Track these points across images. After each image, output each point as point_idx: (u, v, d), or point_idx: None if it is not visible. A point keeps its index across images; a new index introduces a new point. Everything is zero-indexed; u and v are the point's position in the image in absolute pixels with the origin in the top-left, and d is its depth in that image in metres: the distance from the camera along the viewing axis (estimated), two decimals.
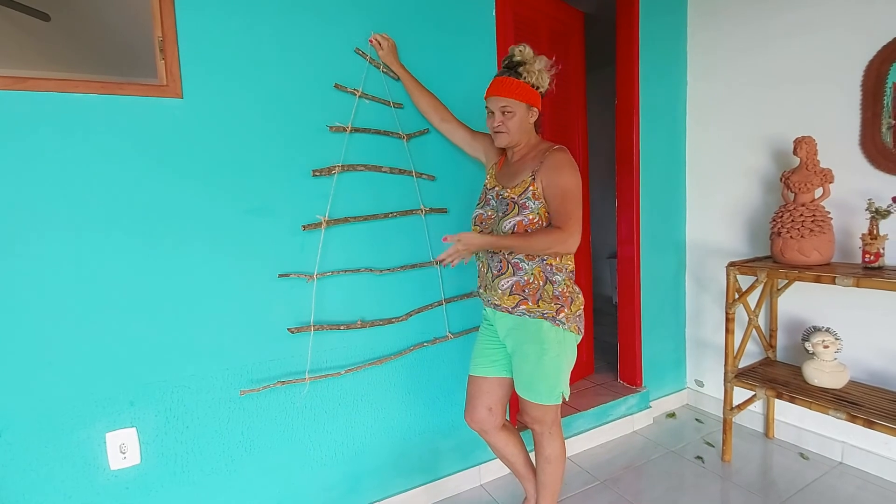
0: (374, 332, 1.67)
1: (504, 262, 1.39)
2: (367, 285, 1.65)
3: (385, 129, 1.65)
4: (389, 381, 1.72)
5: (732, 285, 1.99)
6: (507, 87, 1.36)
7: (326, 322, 1.58)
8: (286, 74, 1.48)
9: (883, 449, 1.89)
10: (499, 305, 1.41)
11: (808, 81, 2.04)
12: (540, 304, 1.36)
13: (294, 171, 1.51)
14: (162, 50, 1.30)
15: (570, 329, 1.39)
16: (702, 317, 2.52)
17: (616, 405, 2.28)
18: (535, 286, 1.36)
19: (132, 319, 1.31)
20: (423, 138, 1.74)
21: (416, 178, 1.72)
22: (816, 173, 1.86)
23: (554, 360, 1.37)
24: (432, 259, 1.76)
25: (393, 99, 1.66)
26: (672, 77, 2.46)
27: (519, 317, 1.39)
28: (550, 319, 1.36)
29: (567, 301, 1.38)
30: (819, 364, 1.85)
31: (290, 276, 1.51)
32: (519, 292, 1.37)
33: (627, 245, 2.42)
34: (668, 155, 2.48)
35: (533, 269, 1.37)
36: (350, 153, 1.59)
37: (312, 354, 1.56)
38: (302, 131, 1.52)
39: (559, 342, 1.37)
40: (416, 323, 1.75)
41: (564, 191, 1.32)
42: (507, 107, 1.37)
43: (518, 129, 1.40)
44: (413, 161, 1.71)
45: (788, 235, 1.87)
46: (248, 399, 1.48)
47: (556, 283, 1.38)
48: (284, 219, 1.50)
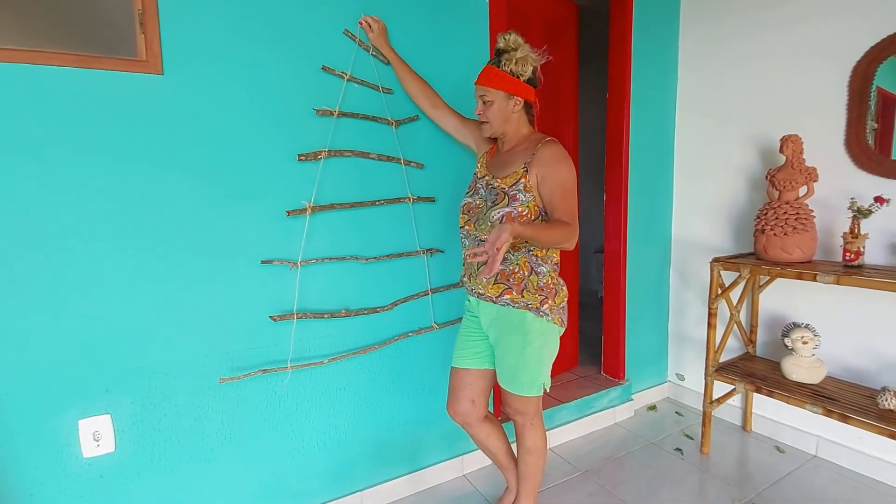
0: (358, 321, 1.65)
1: None
2: (353, 274, 1.63)
3: (373, 115, 1.61)
4: (373, 370, 1.70)
5: (716, 281, 2.01)
6: (485, 76, 1.36)
7: (310, 310, 1.55)
8: (272, 54, 1.44)
9: (856, 443, 1.93)
10: (483, 294, 1.41)
11: (796, 80, 2.05)
12: (524, 295, 1.35)
13: (279, 155, 1.47)
14: (142, 24, 1.25)
15: (553, 321, 1.38)
16: (684, 311, 2.55)
17: (598, 397, 2.30)
18: (520, 276, 1.36)
19: (107, 304, 1.27)
20: (413, 125, 1.71)
21: (404, 166, 1.69)
22: (801, 172, 1.88)
23: (537, 351, 1.37)
24: (419, 248, 1.74)
25: (382, 84, 1.62)
26: (663, 71, 2.46)
27: (503, 307, 1.38)
28: (534, 311, 1.35)
29: (551, 293, 1.38)
30: (797, 360, 1.88)
31: (274, 262, 1.47)
32: (504, 281, 1.36)
33: (614, 239, 2.42)
34: (656, 150, 2.49)
35: (518, 259, 1.36)
36: (337, 138, 1.56)
37: (295, 343, 1.53)
38: (288, 114, 1.48)
39: (542, 333, 1.37)
40: (401, 312, 1.73)
41: (564, 187, 1.32)
42: (484, 95, 1.37)
43: (498, 118, 1.38)
44: (402, 148, 1.68)
45: (772, 233, 1.89)
46: (228, 387, 1.45)
47: (541, 273, 1.37)
48: (268, 204, 1.47)
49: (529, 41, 1.38)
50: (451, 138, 1.75)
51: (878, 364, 1.86)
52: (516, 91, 1.35)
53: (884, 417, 1.61)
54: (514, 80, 1.34)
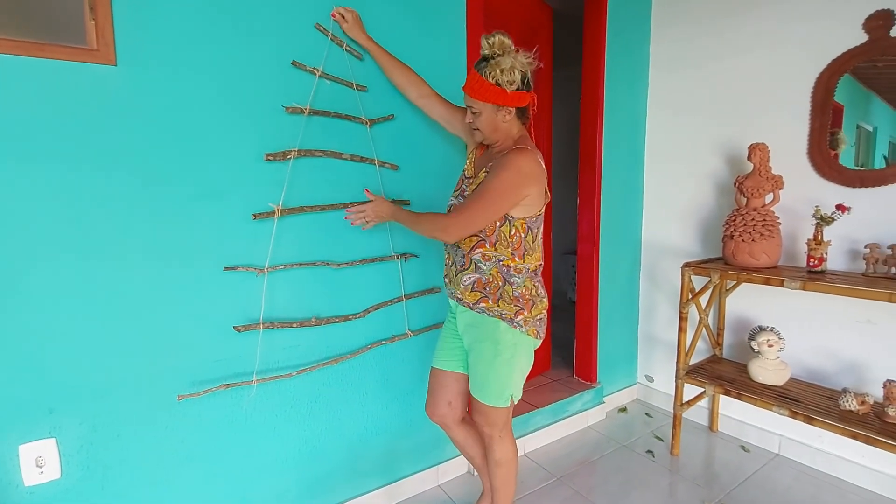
0: (329, 329, 1.57)
1: (467, 258, 1.36)
2: (323, 280, 1.55)
3: (346, 114, 1.54)
4: (346, 380, 1.63)
5: (687, 285, 2.04)
6: (469, 84, 1.28)
7: (277, 319, 1.47)
8: (239, 47, 1.35)
9: (816, 441, 2.01)
10: (461, 300, 1.38)
11: (762, 89, 2.11)
12: (500, 304, 1.33)
13: (245, 155, 1.38)
14: (92, 8, 1.13)
15: (527, 332, 1.35)
16: (653, 314, 2.59)
17: (572, 401, 2.31)
18: (495, 286, 1.33)
19: (51, 315, 1.15)
20: (388, 125, 1.64)
21: (378, 167, 1.63)
22: (768, 179, 1.93)
23: (507, 362, 1.34)
24: (393, 252, 1.68)
25: (356, 81, 1.55)
26: (635, 76, 2.49)
27: (478, 314, 1.35)
28: (508, 321, 1.33)
29: (528, 304, 1.35)
30: (763, 362, 1.94)
31: (238, 269, 1.38)
32: (480, 290, 1.34)
33: (587, 243, 2.43)
34: (628, 154, 2.51)
35: (490, 269, 1.33)
36: (308, 138, 1.48)
37: (262, 354, 1.45)
38: (255, 111, 1.39)
39: (514, 344, 1.34)
40: (374, 320, 1.67)
41: (484, 185, 1.28)
42: (472, 106, 1.31)
43: (489, 128, 1.33)
44: (376, 149, 1.62)
45: (740, 239, 1.93)
46: (188, 404, 1.34)
47: (514, 284, 1.34)
48: (233, 206, 1.37)
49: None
50: (427, 139, 1.70)
51: (837, 366, 1.94)
52: (505, 102, 1.27)
53: (844, 418, 1.67)
54: (500, 92, 1.25)
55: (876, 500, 1.81)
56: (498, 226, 1.31)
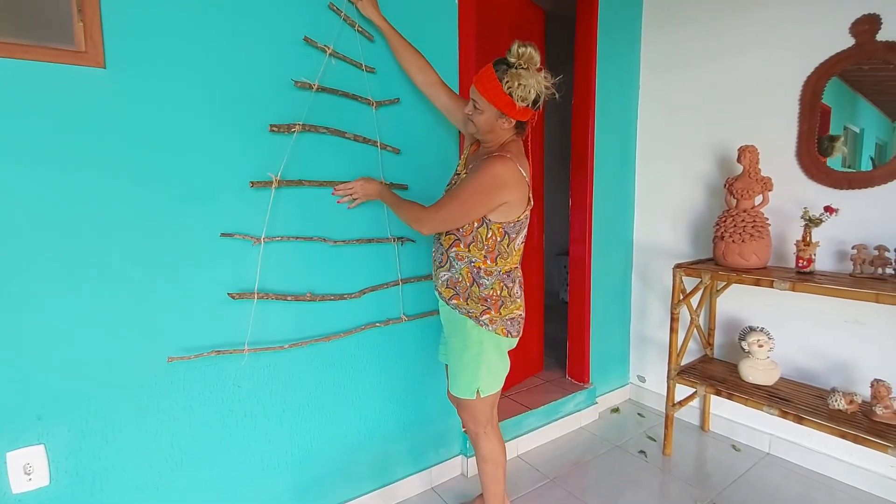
0: (323, 306, 1.56)
1: (444, 256, 1.41)
2: (320, 256, 1.54)
3: (354, 93, 1.54)
4: (339, 380, 1.62)
5: (678, 286, 2.06)
6: (482, 81, 1.26)
7: (272, 291, 1.45)
8: (248, 24, 1.35)
9: (805, 440, 2.03)
10: (441, 294, 1.45)
11: (752, 91, 2.13)
12: (468, 303, 1.38)
13: (249, 124, 1.38)
14: (80, 10, 1.12)
15: (494, 331, 1.38)
16: (645, 314, 2.61)
17: (565, 402, 2.31)
18: (464, 285, 1.39)
19: (40, 318, 1.14)
20: (393, 108, 1.65)
21: (380, 150, 1.63)
22: (758, 181, 1.95)
23: (474, 357, 1.39)
24: (390, 235, 1.68)
25: (366, 62, 1.56)
26: (626, 77, 2.50)
27: (452, 309, 1.41)
28: (474, 319, 1.38)
29: (496, 304, 1.38)
30: (753, 362, 1.96)
31: (236, 236, 1.37)
32: (452, 287, 1.41)
33: (580, 244, 2.44)
34: (619, 156, 2.52)
35: (461, 268, 1.38)
36: (314, 113, 1.48)
37: (255, 325, 1.43)
38: (262, 83, 1.39)
39: (480, 342, 1.38)
40: (369, 301, 1.66)
41: (460, 186, 1.32)
42: (476, 101, 1.31)
43: (484, 127, 1.33)
44: (380, 131, 1.62)
45: (731, 240, 1.95)
46: (178, 407, 1.33)
47: (482, 285, 1.37)
48: (232, 173, 1.36)
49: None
50: (431, 126, 1.72)
51: (825, 365, 1.96)
52: (509, 113, 1.26)
53: (833, 417, 1.69)
54: (509, 102, 1.24)
55: (864, 497, 1.83)
56: (475, 227, 1.33)
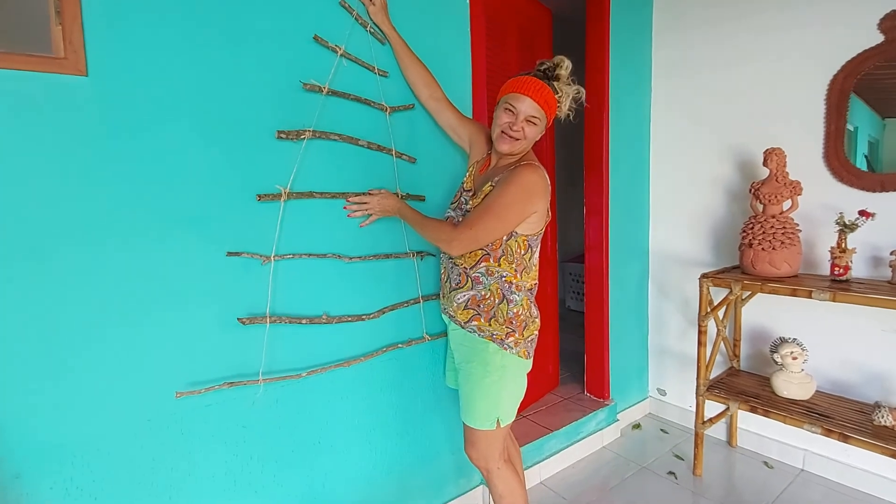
0: (341, 329, 1.43)
1: (463, 276, 1.32)
2: (334, 274, 1.41)
3: (366, 98, 1.42)
4: (356, 391, 1.49)
5: (705, 297, 1.95)
6: (544, 96, 1.25)
7: (285, 314, 1.32)
8: (250, 23, 1.22)
9: (842, 455, 1.93)
10: (453, 317, 1.35)
11: (773, 91, 2.04)
12: (491, 324, 1.29)
13: (253, 131, 1.25)
14: (58, 12, 0.98)
15: (518, 354, 1.30)
16: (664, 324, 2.50)
17: (586, 422, 2.20)
18: (491, 303, 1.29)
19: (16, 357, 0.99)
20: (408, 114, 1.54)
21: (395, 158, 1.51)
22: (786, 185, 1.86)
23: (495, 383, 1.30)
24: (409, 250, 1.56)
25: (378, 65, 1.44)
26: (638, 79, 2.41)
27: (469, 332, 1.31)
28: (498, 342, 1.29)
29: (520, 325, 1.30)
30: (788, 376, 1.85)
31: (243, 255, 1.24)
32: (474, 307, 1.31)
33: (596, 252, 2.34)
34: (633, 159, 2.42)
35: (490, 284, 1.29)
36: (324, 119, 1.35)
37: (269, 352, 1.30)
38: (269, 85, 1.26)
39: (502, 367, 1.29)
40: (389, 322, 1.54)
41: (491, 200, 1.23)
42: (535, 117, 1.26)
43: (531, 139, 1.30)
44: (394, 138, 1.50)
45: (760, 247, 1.85)
46: (179, 457, 1.19)
47: (512, 302, 1.30)
48: (236, 185, 1.23)
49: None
50: (446, 134, 1.59)
51: (862, 376, 1.86)
52: (551, 121, 1.32)
53: (880, 435, 1.59)
54: (556, 111, 1.29)
55: None
56: (504, 240, 1.28)
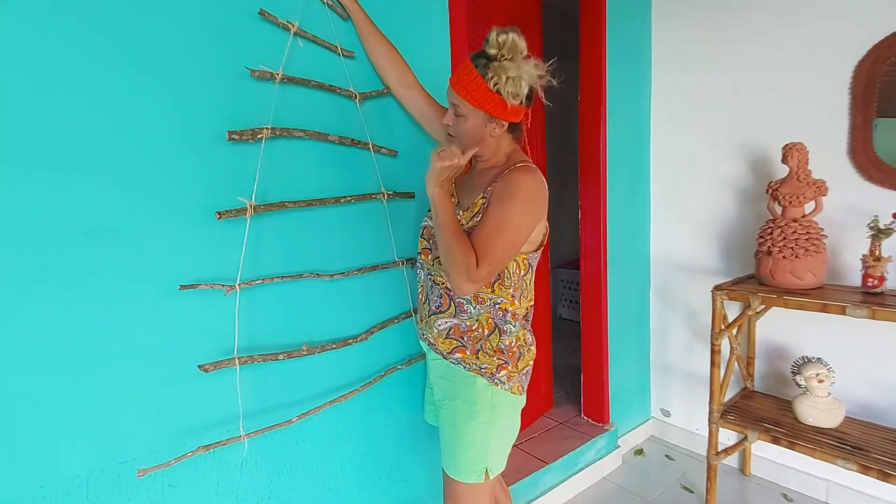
0: (324, 359, 1.19)
1: (445, 298, 1.12)
2: (314, 295, 1.18)
3: (330, 84, 1.17)
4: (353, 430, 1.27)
5: (719, 312, 1.73)
6: (462, 82, 1.01)
7: (258, 350, 1.08)
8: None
9: (871, 487, 1.72)
10: (433, 345, 1.14)
11: (788, 81, 1.83)
12: (479, 357, 1.09)
13: (197, 133, 0.99)
14: None
15: (510, 389, 1.11)
16: (666, 338, 2.28)
17: (584, 450, 1.96)
18: (478, 335, 1.10)
19: None
20: (382, 100, 1.30)
21: (373, 153, 1.26)
22: (809, 185, 1.64)
23: (483, 426, 1.09)
24: (396, 258, 1.32)
25: (342, 44, 1.19)
26: (636, 73, 2.19)
27: (453, 364, 1.11)
28: (488, 376, 1.09)
29: (513, 356, 1.11)
30: (813, 401, 1.64)
31: (200, 286, 0.98)
32: (457, 337, 1.11)
33: (593, 259, 2.10)
34: (632, 159, 2.20)
35: (479, 314, 1.09)
36: (283, 113, 1.10)
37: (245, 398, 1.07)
38: (206, 75, 1.00)
39: (492, 406, 1.10)
40: (379, 341, 1.30)
41: (501, 221, 1.01)
42: (456, 106, 1.04)
43: (471, 139, 1.05)
44: (369, 129, 1.25)
45: (780, 255, 1.63)
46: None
47: (506, 332, 1.10)
48: (188, 202, 0.98)
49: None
50: None
51: (894, 400, 1.66)
52: (500, 114, 1.03)
53: None
54: (499, 102, 1.00)
55: None
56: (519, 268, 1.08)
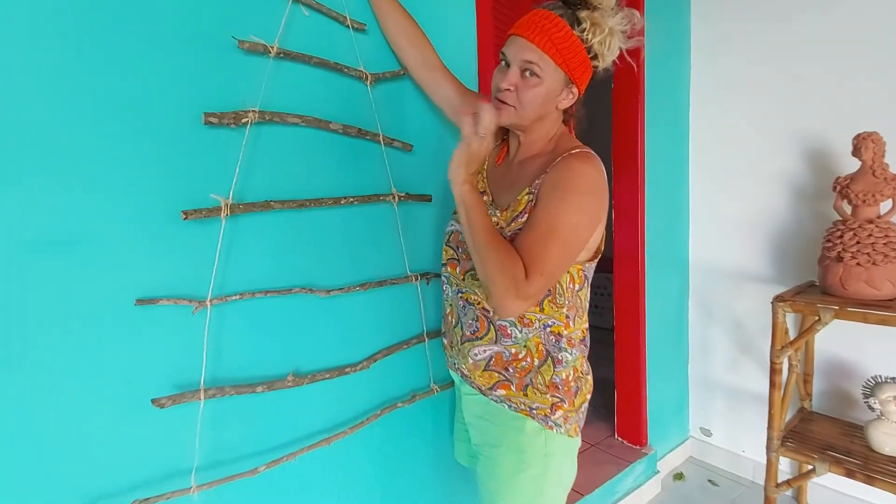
0: (314, 391, 0.98)
1: (482, 321, 0.91)
2: (306, 314, 0.97)
3: (336, 62, 0.96)
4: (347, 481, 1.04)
5: (781, 327, 1.53)
6: (545, 32, 0.80)
7: (229, 381, 0.87)
8: None
9: None
10: (468, 377, 0.95)
11: (859, 61, 1.62)
12: (528, 394, 0.90)
13: (166, 113, 0.79)
14: None
15: (567, 433, 0.91)
16: (707, 351, 2.08)
17: (622, 478, 1.76)
18: (526, 366, 0.90)
19: None
20: (398, 83, 1.09)
21: (384, 146, 1.06)
22: (887, 181, 1.44)
23: (535, 479, 0.91)
24: (408, 272, 1.12)
25: (351, 14, 0.98)
26: (675, 58, 1.98)
27: (496, 403, 0.92)
28: (540, 419, 0.89)
29: (570, 392, 0.91)
30: (890, 427, 1.44)
31: (160, 301, 0.78)
32: (499, 369, 0.91)
33: (629, 263, 1.90)
34: (670, 152, 1.99)
35: (527, 339, 0.89)
36: (276, 94, 0.90)
37: (205, 441, 0.84)
38: (183, 45, 0.80)
39: (545, 454, 0.90)
40: (383, 371, 1.09)
41: (555, 221, 0.80)
42: (533, 64, 0.81)
43: (536, 109, 0.84)
44: (380, 117, 1.05)
45: (854, 262, 1.43)
46: None
47: (562, 363, 0.89)
48: (148, 198, 0.78)
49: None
50: None
51: None
52: (581, 78, 0.85)
53: None
54: (586, 61, 0.83)
55: None
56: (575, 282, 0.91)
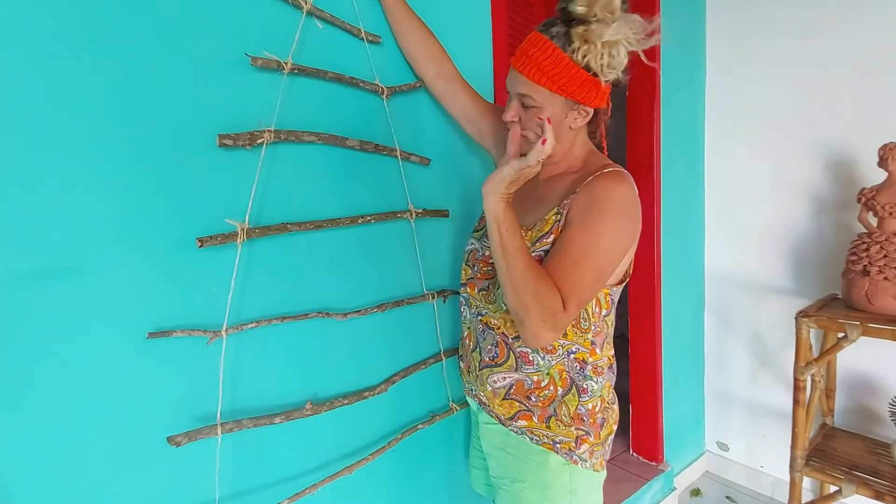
0: (333, 418, 0.94)
1: (501, 347, 0.87)
2: (322, 339, 0.94)
3: (351, 76, 0.93)
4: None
5: (804, 343, 1.48)
6: (533, 61, 0.76)
7: (247, 413, 0.83)
8: None
9: None
10: (487, 405, 0.92)
11: (884, 67, 1.58)
12: (551, 426, 0.86)
13: (179, 137, 0.75)
14: None
15: (592, 467, 0.88)
16: (724, 364, 2.03)
17: (639, 496, 1.71)
18: (549, 395, 0.86)
19: None
20: (414, 96, 1.06)
21: (401, 161, 1.03)
22: None
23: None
24: (425, 290, 1.09)
25: (365, 27, 0.95)
26: (690, 64, 1.94)
27: (517, 435, 0.89)
28: (564, 453, 0.86)
29: (595, 424, 0.87)
30: None
31: (174, 333, 0.75)
32: (521, 398, 0.87)
33: (645, 275, 1.85)
34: (685, 159, 1.95)
35: (551, 367, 0.85)
36: (290, 112, 0.87)
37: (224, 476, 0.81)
38: (197, 64, 0.77)
39: (571, 492, 0.87)
40: (401, 393, 1.06)
41: (589, 245, 0.76)
42: (526, 96, 0.78)
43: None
44: (397, 132, 1.01)
45: (881, 276, 1.39)
46: None
47: (586, 391, 0.86)
48: (159, 227, 0.74)
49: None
50: None
51: None
52: (585, 98, 0.78)
53: None
54: (587, 79, 0.76)
55: None
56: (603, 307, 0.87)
